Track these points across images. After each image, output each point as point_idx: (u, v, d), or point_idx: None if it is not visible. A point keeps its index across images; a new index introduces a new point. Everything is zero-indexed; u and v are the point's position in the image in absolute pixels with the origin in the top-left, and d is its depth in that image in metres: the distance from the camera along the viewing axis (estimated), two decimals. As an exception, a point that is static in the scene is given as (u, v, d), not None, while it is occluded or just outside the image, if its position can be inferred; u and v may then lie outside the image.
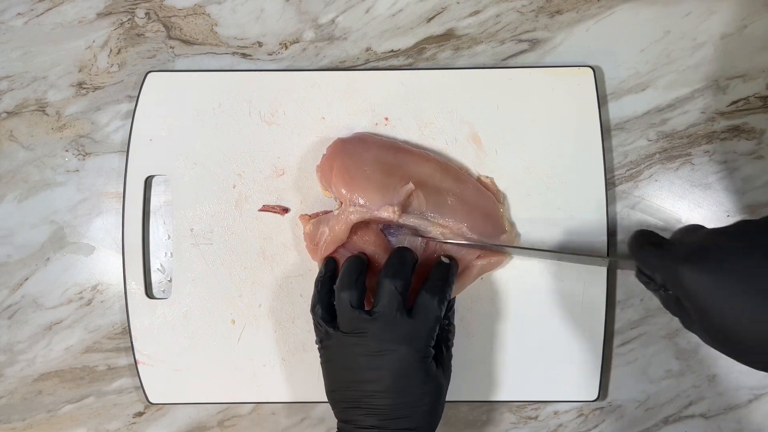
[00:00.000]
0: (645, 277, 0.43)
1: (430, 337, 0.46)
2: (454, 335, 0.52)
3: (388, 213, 0.49)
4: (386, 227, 0.52)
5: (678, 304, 0.40)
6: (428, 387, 0.46)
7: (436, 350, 0.48)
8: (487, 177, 0.54)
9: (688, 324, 0.40)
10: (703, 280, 0.37)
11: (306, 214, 0.54)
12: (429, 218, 0.51)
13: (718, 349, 0.38)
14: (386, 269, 0.47)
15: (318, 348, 0.48)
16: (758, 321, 0.35)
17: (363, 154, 0.51)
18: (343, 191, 0.50)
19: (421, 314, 0.46)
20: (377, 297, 0.46)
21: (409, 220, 0.50)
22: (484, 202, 0.53)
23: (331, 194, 0.52)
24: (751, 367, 0.37)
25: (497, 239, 0.52)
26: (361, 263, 0.49)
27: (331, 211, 0.52)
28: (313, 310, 0.48)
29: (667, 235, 0.43)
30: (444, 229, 0.51)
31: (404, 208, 0.50)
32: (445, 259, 0.50)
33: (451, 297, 0.51)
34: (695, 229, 0.41)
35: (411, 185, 0.50)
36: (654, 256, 0.41)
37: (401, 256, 0.49)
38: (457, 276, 0.50)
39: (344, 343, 0.46)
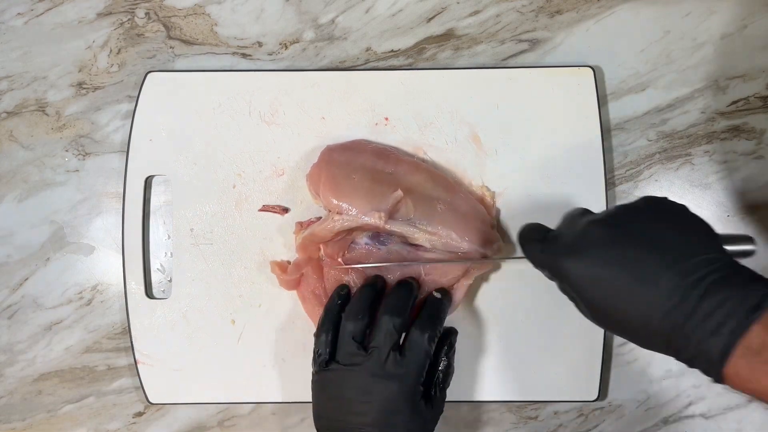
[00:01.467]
0: (538, 269, 0.44)
1: (419, 374, 0.46)
2: (451, 377, 0.50)
3: (374, 219, 0.49)
4: (375, 235, 0.52)
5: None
6: (415, 423, 0.45)
7: (427, 388, 0.47)
8: (489, 189, 0.54)
9: (582, 312, 0.41)
10: (583, 272, 0.38)
11: (300, 222, 0.54)
12: (417, 226, 0.50)
13: (617, 335, 0.40)
14: (386, 305, 0.47)
15: (313, 373, 0.48)
16: (637, 304, 0.36)
17: (352, 163, 0.51)
18: (332, 199, 0.50)
19: (412, 351, 0.46)
20: (374, 332, 0.46)
21: (396, 227, 0.50)
22: (474, 212, 0.52)
23: (320, 202, 0.52)
24: (651, 350, 0.37)
25: (488, 249, 0.51)
26: (374, 293, 0.49)
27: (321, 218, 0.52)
28: (317, 337, 0.48)
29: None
30: (432, 237, 0.50)
31: (391, 214, 0.49)
32: (437, 294, 0.50)
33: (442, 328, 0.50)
34: (575, 218, 0.42)
35: (399, 192, 0.49)
36: (539, 252, 0.43)
37: (402, 291, 0.49)
38: (449, 311, 0.50)
39: (339, 374, 0.46)
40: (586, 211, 0.43)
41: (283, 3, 0.58)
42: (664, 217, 0.39)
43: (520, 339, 0.54)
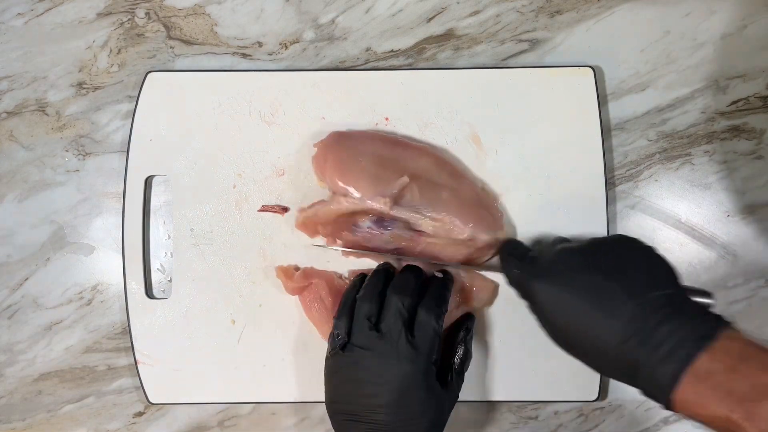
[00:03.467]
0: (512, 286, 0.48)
1: (430, 353, 0.46)
2: (469, 361, 0.51)
3: (379, 204, 0.49)
4: (378, 219, 0.52)
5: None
6: (429, 405, 0.46)
7: (443, 370, 0.48)
8: (480, 180, 0.54)
9: (547, 334, 0.44)
10: (549, 294, 0.42)
11: (303, 207, 0.54)
12: (421, 212, 0.51)
13: (578, 359, 0.43)
14: (393, 286, 0.48)
15: (327, 356, 0.48)
16: (597, 330, 0.39)
17: (359, 146, 0.52)
18: (337, 182, 0.50)
19: (421, 332, 0.46)
20: (384, 313, 0.47)
21: (401, 213, 0.50)
22: (479, 199, 0.53)
23: (325, 185, 0.52)
24: (608, 377, 0.42)
25: (491, 236, 0.51)
26: (385, 277, 0.49)
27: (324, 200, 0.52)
28: (337, 319, 0.48)
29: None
30: (436, 223, 0.51)
31: (396, 200, 0.50)
32: (438, 274, 0.51)
33: (470, 313, 0.52)
34: (553, 244, 0.47)
35: (405, 178, 0.50)
36: (514, 270, 0.47)
37: (408, 274, 0.49)
38: (453, 290, 0.51)
39: (353, 356, 0.46)
40: (563, 240, 0.48)
41: (283, 3, 0.58)
42: (633, 253, 0.43)
43: (520, 339, 0.54)
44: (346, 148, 0.51)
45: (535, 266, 0.45)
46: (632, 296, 0.39)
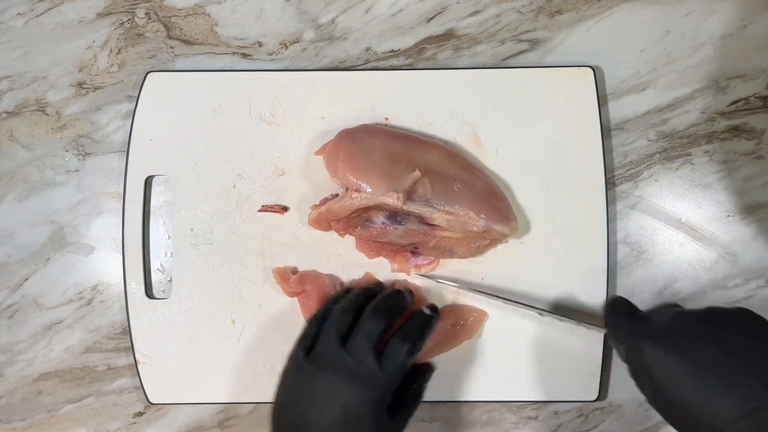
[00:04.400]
0: (614, 344, 0.46)
1: (390, 386, 0.44)
2: (418, 405, 0.49)
3: (392, 200, 0.49)
4: (392, 215, 0.52)
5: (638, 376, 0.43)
6: None
7: (396, 404, 0.46)
8: (490, 171, 0.54)
9: (646, 396, 0.43)
10: (662, 358, 0.40)
11: (316, 204, 0.54)
12: (434, 206, 0.50)
13: (676, 427, 0.41)
14: (372, 306, 0.47)
15: (290, 357, 0.47)
16: (709, 403, 0.37)
17: (370, 141, 0.51)
18: (350, 177, 0.50)
19: (389, 361, 0.44)
20: (355, 331, 0.45)
21: (414, 208, 0.50)
22: (490, 190, 0.52)
23: (337, 181, 0.52)
24: None
25: (506, 226, 0.51)
26: (371, 294, 0.49)
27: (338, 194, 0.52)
28: (309, 322, 0.48)
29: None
30: (450, 216, 0.50)
31: (409, 195, 0.50)
32: (426, 310, 0.49)
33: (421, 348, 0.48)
34: (668, 307, 0.44)
35: (417, 173, 0.50)
36: (624, 327, 0.44)
37: (392, 296, 0.48)
38: (435, 330, 0.49)
39: (314, 365, 0.45)
40: (675, 305, 0.45)
41: (283, 3, 0.58)
42: (756, 331, 0.40)
43: (520, 339, 0.54)
44: (357, 142, 0.51)
45: (647, 325, 0.43)
46: (752, 374, 0.37)
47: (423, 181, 0.50)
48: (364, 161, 0.50)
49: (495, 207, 0.51)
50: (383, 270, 0.55)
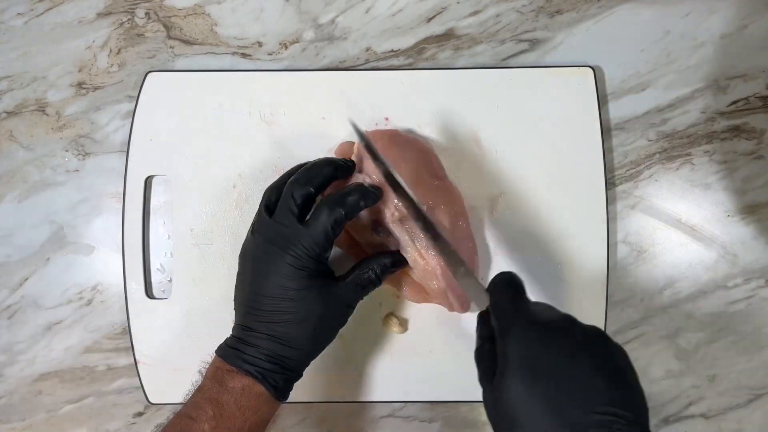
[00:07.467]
0: (485, 318, 0.42)
1: (312, 247, 0.43)
2: (373, 287, 0.47)
3: (389, 210, 0.47)
4: (376, 222, 0.49)
5: (489, 356, 0.40)
6: (304, 299, 0.43)
7: (345, 277, 0.46)
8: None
9: (485, 379, 0.39)
10: (528, 345, 0.37)
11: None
12: (415, 242, 0.47)
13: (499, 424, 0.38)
14: (296, 174, 0.46)
15: (248, 235, 0.47)
16: (536, 410, 0.35)
17: (406, 151, 0.51)
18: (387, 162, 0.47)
19: (310, 223, 0.44)
20: (279, 202, 0.45)
21: (397, 231, 0.47)
22: (471, 252, 0.51)
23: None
24: None
25: (460, 308, 0.49)
26: (331, 171, 0.46)
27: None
28: (268, 191, 0.47)
29: None
30: (418, 260, 0.47)
31: (402, 220, 0.47)
32: (366, 185, 0.46)
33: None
34: (551, 309, 0.40)
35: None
36: (505, 311, 0.40)
37: (317, 166, 0.46)
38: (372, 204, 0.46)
39: (253, 241, 0.46)
40: (549, 307, 0.41)
41: (283, 3, 0.58)
42: (601, 360, 0.38)
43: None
44: (397, 146, 0.50)
45: (531, 311, 0.39)
46: (580, 407, 0.35)
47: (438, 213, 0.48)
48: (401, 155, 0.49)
49: (455, 282, 0.46)
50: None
